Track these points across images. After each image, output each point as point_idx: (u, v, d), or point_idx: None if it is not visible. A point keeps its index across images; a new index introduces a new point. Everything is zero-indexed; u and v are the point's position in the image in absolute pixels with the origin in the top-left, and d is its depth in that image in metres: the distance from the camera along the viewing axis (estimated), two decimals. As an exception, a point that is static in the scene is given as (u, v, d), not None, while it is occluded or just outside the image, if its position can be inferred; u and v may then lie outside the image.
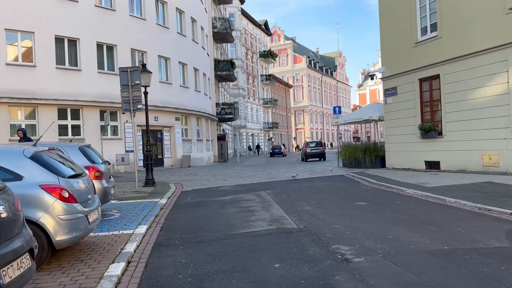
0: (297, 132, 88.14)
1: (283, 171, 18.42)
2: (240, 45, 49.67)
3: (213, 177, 16.37)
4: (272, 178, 14.63)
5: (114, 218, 7.65)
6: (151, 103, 23.65)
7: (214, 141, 33.38)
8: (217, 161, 33.04)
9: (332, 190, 10.75)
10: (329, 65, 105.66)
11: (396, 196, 9.34)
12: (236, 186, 12.54)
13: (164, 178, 16.40)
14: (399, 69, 15.89)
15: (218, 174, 18.09)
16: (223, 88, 41.36)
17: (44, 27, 18.67)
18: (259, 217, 7.14)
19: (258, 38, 62.00)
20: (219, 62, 34.68)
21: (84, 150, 7.79)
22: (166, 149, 24.84)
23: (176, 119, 25.27)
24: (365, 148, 17.39)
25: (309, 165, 23.85)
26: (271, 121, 64.95)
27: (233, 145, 47.01)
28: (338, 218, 6.81)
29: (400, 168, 15.85)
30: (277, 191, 10.85)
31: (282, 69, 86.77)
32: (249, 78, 56.95)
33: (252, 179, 14.49)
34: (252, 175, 16.73)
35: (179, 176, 17.03)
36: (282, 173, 17.12)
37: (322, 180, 13.70)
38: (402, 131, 15.80)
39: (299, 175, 15.69)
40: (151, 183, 13.10)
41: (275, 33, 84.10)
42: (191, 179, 15.64)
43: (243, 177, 15.53)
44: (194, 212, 8.19)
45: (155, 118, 23.53)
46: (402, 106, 15.75)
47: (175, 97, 24.99)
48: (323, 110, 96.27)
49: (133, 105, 12.02)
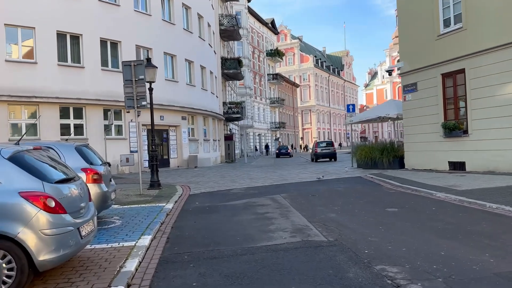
0: (304, 132, 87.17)
1: (295, 172, 17.51)
2: (247, 44, 48.83)
3: (222, 178, 15.51)
4: (285, 180, 13.73)
5: (114, 226, 6.81)
6: (156, 101, 22.86)
7: (221, 141, 32.55)
8: (224, 161, 32.20)
9: (354, 194, 9.83)
10: (336, 64, 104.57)
11: (427, 201, 8.40)
12: (247, 189, 11.66)
13: (170, 179, 15.57)
14: (420, 64, 14.92)
15: (227, 175, 17.23)
16: (229, 87, 40.53)
17: (45, 22, 17.92)
18: (279, 226, 6.25)
19: (265, 37, 61.12)
20: (226, 60, 33.85)
21: (81, 150, 6.95)
22: (172, 149, 24.04)
23: (182, 118, 24.46)
24: (382, 148, 16.43)
25: (320, 166, 22.92)
26: (278, 121, 64.02)
27: (240, 145, 46.18)
28: (371, 228, 5.89)
29: (421, 169, 14.88)
30: (293, 194, 9.96)
31: (289, 68, 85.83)
32: (256, 77, 56.10)
33: (263, 181, 13.60)
34: (262, 176, 15.84)
35: (186, 178, 16.19)
36: (294, 175, 16.21)
37: (339, 182, 12.77)
38: (423, 129, 14.83)
39: (313, 176, 14.79)
40: (157, 185, 12.27)
41: (281, 32, 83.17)
42: (198, 180, 14.79)
43: (253, 179, 14.66)
44: (204, 219, 7.32)
45: (160, 117, 22.74)
46: (423, 103, 14.78)
47: (181, 96, 24.18)
48: (330, 109, 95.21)
49: (137, 101, 11.19)
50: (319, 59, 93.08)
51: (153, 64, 12.51)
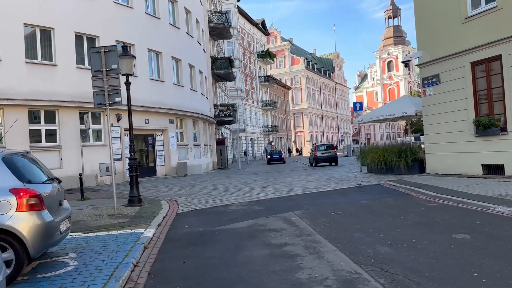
0: (297, 136, 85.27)
1: (299, 180, 15.35)
2: (238, 44, 46.80)
3: (216, 189, 13.27)
4: (291, 191, 11.54)
5: (63, 273, 4.57)
6: (140, 103, 20.63)
7: (213, 146, 30.29)
8: (216, 168, 29.94)
9: (388, 210, 7.70)
10: (326, 66, 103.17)
11: (494, 220, 6.30)
12: (249, 203, 9.44)
13: (155, 192, 13.29)
14: (442, 52, 12.94)
15: (221, 185, 14.99)
16: (220, 89, 38.35)
17: (11, 15, 15.58)
18: (313, 274, 4.06)
19: (255, 38, 59.16)
20: (216, 59, 31.70)
21: (12, 161, 4.67)
22: (159, 156, 21.72)
23: (170, 121, 22.18)
24: (399, 151, 14.37)
25: (323, 171, 20.81)
26: (271, 124, 61.95)
27: (232, 150, 43.94)
28: (464, 277, 3.74)
29: (447, 173, 12.84)
30: (311, 212, 7.79)
31: (280, 71, 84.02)
32: (247, 80, 54.02)
33: (266, 192, 11.40)
34: (263, 186, 13.65)
35: (174, 189, 13.92)
36: (299, 183, 14.05)
37: (358, 192, 10.64)
38: (448, 128, 12.82)
39: (322, 184, 12.66)
40: (137, 201, 10.01)
41: (271, 34, 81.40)
42: (188, 193, 12.53)
43: (253, 190, 12.45)
44: (197, 257, 5.11)
45: (145, 120, 20.46)
46: (448, 97, 12.78)
47: (168, 97, 21.92)
48: (322, 112, 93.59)
49: (109, 97, 8.94)
50: (310, 61, 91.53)
51: (130, 53, 10.29)
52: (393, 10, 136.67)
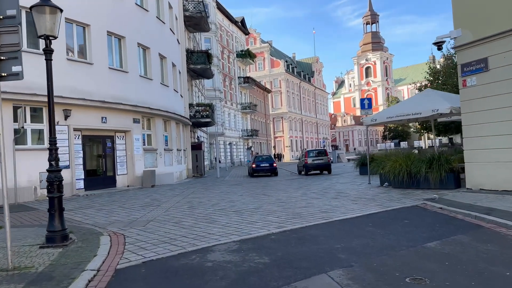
0: (276, 141, 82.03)
1: (298, 196, 11.82)
2: (216, 41, 43.14)
3: (189, 212, 9.55)
4: (299, 217, 7.87)
5: None
6: (96, 97, 16.50)
7: (188, 151, 26.44)
8: (191, 176, 26.09)
9: (492, 266, 4.28)
10: (306, 70, 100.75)
11: None
12: (241, 247, 5.63)
13: (102, 215, 9.46)
14: (493, 29, 9.78)
15: (196, 203, 11.28)
16: (197, 87, 34.56)
17: None
18: None
19: (234, 36, 55.66)
20: (192, 53, 27.96)
21: None
22: (119, 162, 17.75)
23: (134, 121, 18.28)
24: (429, 158, 11.07)
25: (320, 181, 17.38)
26: (251, 128, 58.39)
27: (209, 155, 40.10)
28: None
29: (497, 189, 9.65)
30: (363, 275, 4.23)
31: (259, 73, 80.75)
32: (225, 80, 50.38)
33: (262, 220, 7.72)
34: (253, 206, 10.02)
35: (130, 211, 10.11)
36: (300, 200, 10.53)
37: (402, 221, 7.17)
38: (499, 129, 9.65)
39: (335, 204, 9.20)
40: (59, 239, 6.21)
41: (251, 35, 78.10)
42: (148, 218, 8.77)
43: (242, 213, 8.80)
44: None
45: (102, 119, 16.52)
46: (500, 88, 9.62)
47: (132, 91, 18.04)
48: (302, 117, 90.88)
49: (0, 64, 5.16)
50: (289, 64, 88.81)
51: (52, 3, 6.50)
52: (371, 16, 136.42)
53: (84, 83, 15.63)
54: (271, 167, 24.18)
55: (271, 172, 24.14)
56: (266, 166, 24.21)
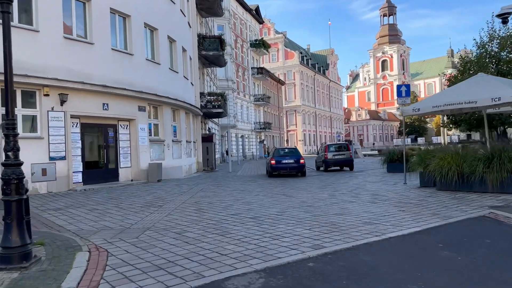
0: (289, 134, 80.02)
1: (326, 197, 10.00)
2: (229, 29, 41.28)
3: (196, 216, 7.81)
4: (338, 229, 5.99)
5: None
6: (96, 80, 14.71)
7: (198, 143, 24.78)
8: (201, 169, 24.45)
9: None
10: (321, 63, 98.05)
11: None
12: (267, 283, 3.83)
13: (89, 219, 7.79)
14: None
15: (206, 204, 9.55)
16: (208, 76, 32.81)
17: None
18: None
19: (248, 25, 53.66)
20: (204, 38, 26.16)
21: None
22: (123, 154, 16.14)
23: (139, 108, 16.63)
24: (488, 156, 9.13)
25: (343, 178, 15.54)
26: (263, 121, 56.53)
27: (220, 148, 38.45)
28: None
29: None
30: None
31: (273, 65, 78.65)
32: (238, 70, 48.53)
33: (291, 234, 5.81)
34: (276, 211, 8.21)
35: (126, 213, 8.44)
36: (331, 204, 8.74)
37: (481, 241, 5.31)
38: None
39: (379, 211, 7.39)
40: (18, 258, 4.51)
41: (264, 25, 75.94)
42: (144, 225, 7.06)
43: (262, 221, 7.02)
44: None
45: (104, 105, 14.89)
46: None
47: (138, 76, 16.37)
48: (315, 110, 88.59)
49: None
50: (304, 56, 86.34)
51: None
52: (389, 8, 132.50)
53: (84, 65, 13.97)
54: (298, 164, 17.73)
55: (298, 170, 17.88)
56: (291, 163, 17.77)
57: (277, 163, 17.74)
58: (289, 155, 18.61)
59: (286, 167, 17.77)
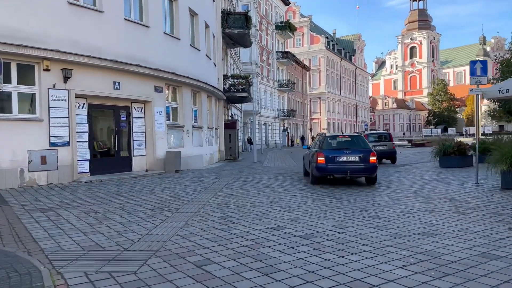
0: (313, 123, 77.19)
1: (386, 202, 7.74)
2: (254, 8, 38.78)
3: (224, 234, 5.68)
4: (443, 263, 3.97)
5: None
6: (106, 55, 12.33)
7: (220, 130, 22.73)
8: (224, 159, 22.45)
9: None
10: (347, 48, 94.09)
11: None
12: None
13: (79, 227, 5.79)
14: None
15: (234, 209, 7.43)
16: (232, 58, 30.58)
17: None
18: None
19: (274, 6, 50.90)
20: (228, 15, 23.87)
21: None
22: (137, 141, 14.21)
23: (156, 89, 14.61)
24: None
25: (391, 174, 13.16)
26: (287, 108, 54.05)
27: (243, 136, 36.40)
28: None
29: None
30: None
31: (297, 50, 75.55)
32: (263, 54, 46.06)
33: (378, 278, 3.80)
34: (332, 225, 6.00)
35: (131, 219, 6.43)
36: (393, 211, 6.55)
37: None
38: None
39: (433, 211, 5.12)
40: None
41: (289, 9, 72.78)
42: (151, 244, 5.02)
43: (322, 246, 4.87)
44: None
45: (115, 84, 12.91)
46: None
47: (155, 52, 14.31)
48: (341, 98, 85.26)
49: None
50: (330, 41, 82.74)
51: None
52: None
53: (91, 36, 11.98)
54: (366, 165, 10.25)
55: (366, 174, 10.51)
56: (355, 163, 10.28)
57: (328, 162, 10.26)
58: (349, 148, 10.70)
59: (345, 168, 10.27)
